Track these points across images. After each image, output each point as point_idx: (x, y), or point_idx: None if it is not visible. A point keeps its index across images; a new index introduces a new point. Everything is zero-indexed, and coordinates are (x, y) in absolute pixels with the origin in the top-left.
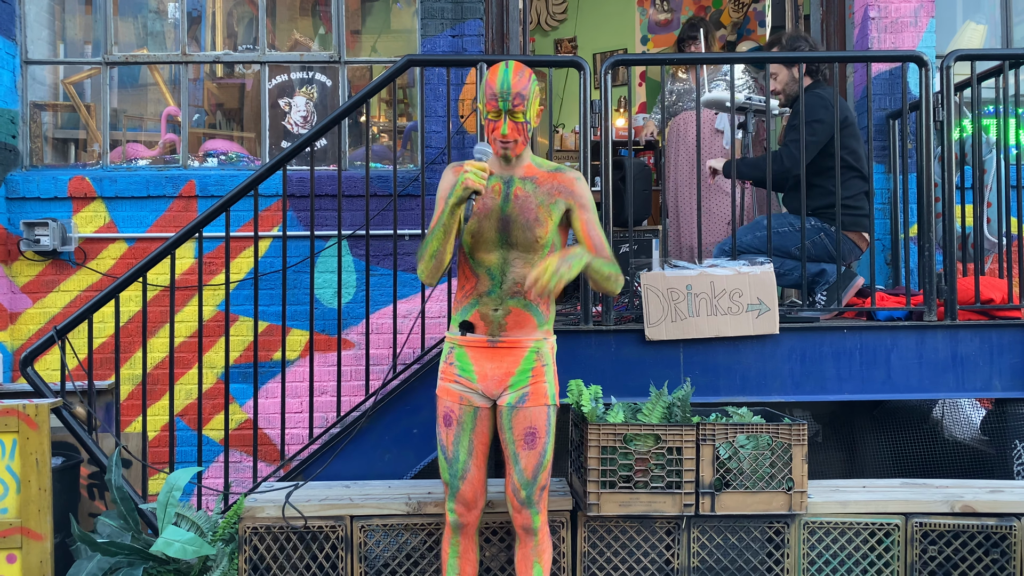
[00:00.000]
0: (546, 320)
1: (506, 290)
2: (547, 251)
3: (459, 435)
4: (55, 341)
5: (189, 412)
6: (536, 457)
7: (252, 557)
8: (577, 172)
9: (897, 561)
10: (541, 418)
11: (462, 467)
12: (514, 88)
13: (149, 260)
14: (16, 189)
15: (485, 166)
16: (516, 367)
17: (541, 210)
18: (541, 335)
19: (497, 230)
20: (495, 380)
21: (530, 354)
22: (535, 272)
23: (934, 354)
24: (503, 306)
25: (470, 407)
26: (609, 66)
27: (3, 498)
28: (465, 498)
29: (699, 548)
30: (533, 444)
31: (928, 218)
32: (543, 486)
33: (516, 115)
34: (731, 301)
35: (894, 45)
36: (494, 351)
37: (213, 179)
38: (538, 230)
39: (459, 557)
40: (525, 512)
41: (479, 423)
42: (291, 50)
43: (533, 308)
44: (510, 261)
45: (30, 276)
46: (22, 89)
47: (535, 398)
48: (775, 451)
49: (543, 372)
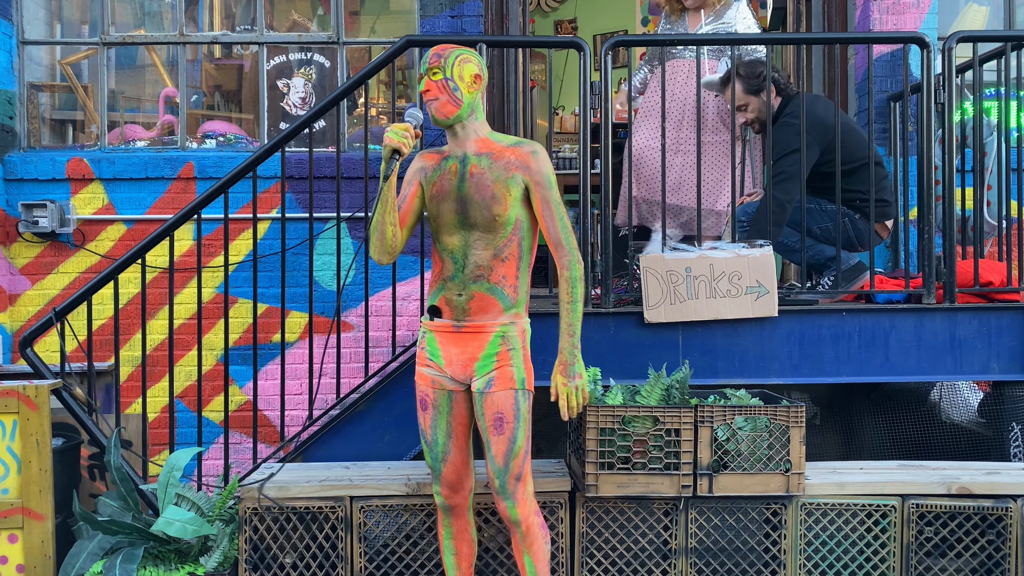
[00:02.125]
0: (513, 303)
1: (468, 274)
2: (510, 229)
3: (436, 419)
4: (54, 323)
5: (189, 394)
6: (505, 443)
7: (252, 537)
8: (537, 145)
9: (893, 542)
10: (508, 403)
11: (442, 450)
12: (431, 52)
13: (148, 242)
14: (14, 170)
15: (409, 126)
16: (480, 352)
17: (498, 186)
18: (508, 319)
19: (456, 211)
20: (460, 365)
21: (495, 339)
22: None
23: (933, 337)
24: (466, 291)
25: (443, 391)
26: (610, 47)
27: (4, 479)
28: (449, 480)
29: (696, 529)
30: (501, 429)
31: (928, 201)
32: (517, 475)
33: (433, 73)
34: (730, 283)
35: (896, 27)
36: (459, 336)
37: (211, 161)
38: (495, 208)
39: (453, 538)
40: (502, 503)
41: (455, 406)
42: (289, 31)
43: (498, 291)
44: (471, 243)
45: (29, 258)
46: (19, 70)
47: (500, 383)
48: (773, 433)
49: (509, 356)
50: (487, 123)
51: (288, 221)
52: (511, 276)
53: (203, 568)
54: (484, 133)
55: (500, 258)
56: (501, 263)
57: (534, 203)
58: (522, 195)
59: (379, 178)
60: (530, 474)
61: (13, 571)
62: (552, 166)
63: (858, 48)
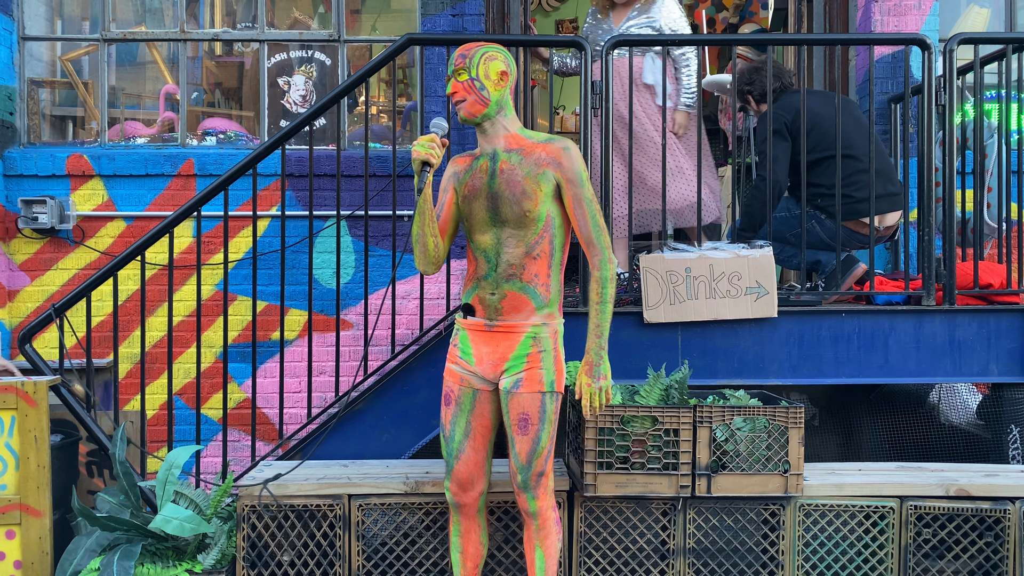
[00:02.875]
0: (546, 303)
1: (501, 273)
2: (541, 226)
3: (456, 415)
4: (53, 319)
5: (187, 391)
6: (529, 443)
7: (250, 535)
8: (569, 141)
9: (892, 543)
10: (534, 405)
11: (457, 447)
12: (457, 53)
13: (147, 239)
14: (14, 166)
15: (435, 136)
16: (511, 352)
17: (528, 181)
18: (540, 319)
19: (487, 209)
20: (491, 364)
21: (526, 339)
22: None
23: (932, 338)
24: (499, 290)
25: (469, 388)
26: (611, 46)
27: (2, 475)
28: (459, 478)
29: (695, 529)
30: (525, 430)
31: (928, 203)
32: (540, 472)
33: (459, 74)
34: (730, 284)
35: (897, 28)
36: (491, 335)
37: (212, 158)
38: (526, 203)
39: (460, 536)
40: (522, 495)
41: (478, 405)
42: (290, 28)
43: (530, 291)
44: (503, 241)
45: (28, 254)
46: (19, 65)
47: (529, 384)
48: (772, 434)
49: (539, 358)
50: (517, 119)
51: (288, 219)
52: (543, 274)
53: (201, 565)
54: (514, 129)
55: (532, 256)
56: (533, 261)
57: (566, 201)
58: (553, 192)
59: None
60: (552, 470)
61: (11, 567)
62: (584, 163)
63: (859, 49)
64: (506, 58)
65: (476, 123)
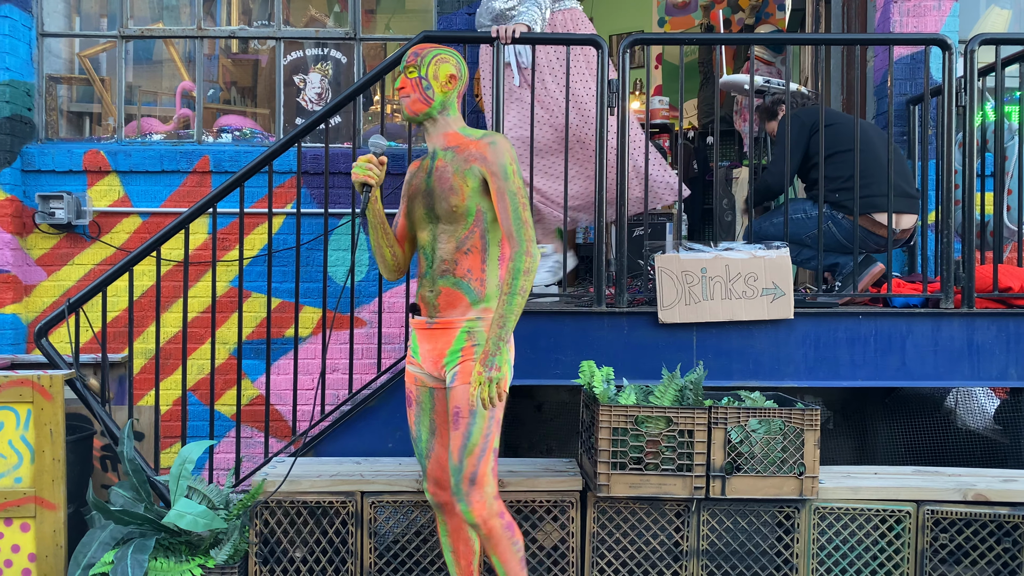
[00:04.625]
0: (481, 297)
1: (436, 269)
2: (471, 221)
3: (419, 415)
4: (67, 315)
5: (201, 387)
6: (460, 438)
7: (263, 531)
8: (498, 136)
9: (908, 548)
10: (464, 398)
11: (425, 446)
12: (410, 51)
13: (163, 235)
14: (32, 162)
15: (371, 156)
16: (448, 347)
17: (456, 177)
18: (476, 314)
19: (424, 206)
20: (431, 360)
21: (461, 334)
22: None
23: (950, 342)
24: (435, 287)
25: (424, 387)
26: (628, 45)
27: (17, 467)
28: (434, 477)
29: (708, 531)
30: (457, 424)
31: (947, 205)
32: (471, 476)
33: (409, 71)
34: (746, 285)
35: (916, 29)
36: (431, 332)
37: (227, 155)
38: (453, 198)
39: (449, 535)
40: (456, 504)
41: (438, 402)
42: (306, 26)
43: (464, 286)
44: (437, 237)
45: (45, 249)
46: (38, 62)
47: (461, 377)
48: (787, 436)
49: (473, 352)
50: (461, 119)
51: (303, 216)
52: (476, 270)
53: (213, 561)
54: (456, 128)
55: (463, 251)
56: (465, 256)
57: (492, 194)
58: (481, 186)
59: None
60: (490, 475)
61: (25, 560)
62: (513, 157)
63: (877, 50)
64: (458, 63)
65: (418, 121)
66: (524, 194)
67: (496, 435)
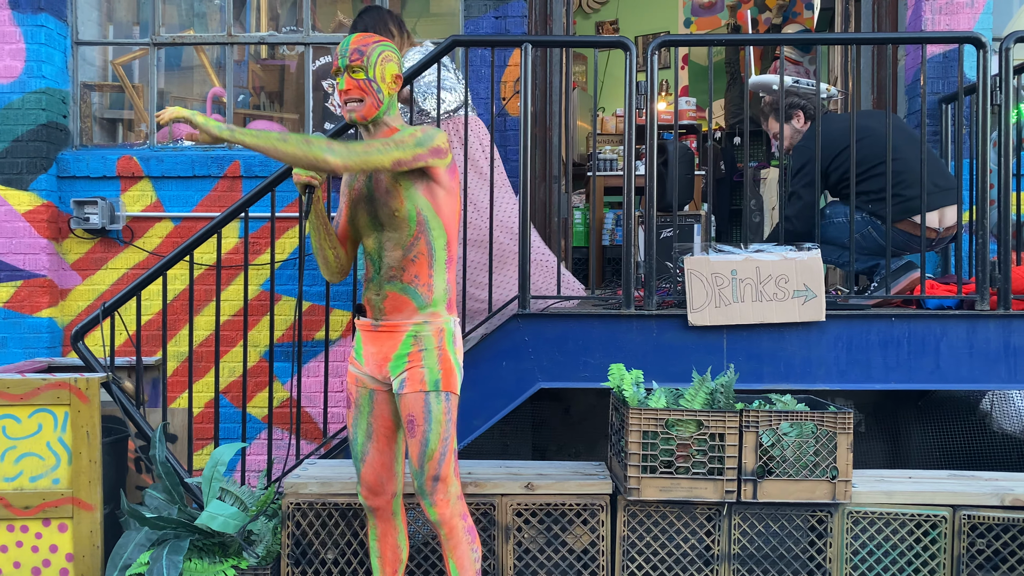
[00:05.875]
0: (428, 302)
1: (384, 275)
2: (413, 227)
3: (357, 417)
4: (101, 320)
5: (232, 389)
6: (417, 445)
7: (295, 532)
8: (433, 128)
9: (944, 553)
10: (417, 405)
11: (360, 449)
12: (352, 44)
13: (196, 239)
14: (67, 168)
15: None
16: (393, 352)
17: (387, 178)
18: (422, 318)
19: (368, 213)
20: (376, 364)
21: (407, 339)
22: None
23: (986, 344)
24: (382, 291)
25: (365, 389)
26: (656, 46)
27: (55, 469)
28: (367, 481)
29: (740, 535)
30: (413, 432)
31: (982, 205)
32: (434, 476)
33: (355, 71)
34: (777, 287)
35: (948, 27)
36: (376, 335)
37: (258, 160)
38: (392, 202)
39: (378, 540)
40: (422, 503)
41: (377, 406)
42: (335, 31)
43: (411, 291)
44: (383, 244)
45: (80, 253)
46: (73, 70)
47: (411, 384)
48: (819, 439)
49: (420, 357)
50: (400, 117)
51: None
52: (424, 275)
53: (246, 562)
54: (397, 126)
55: (409, 258)
56: (412, 263)
57: None
58: (414, 186)
59: None
60: (453, 475)
61: (63, 560)
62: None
63: (908, 49)
64: (399, 59)
65: (365, 126)
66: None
67: (454, 436)
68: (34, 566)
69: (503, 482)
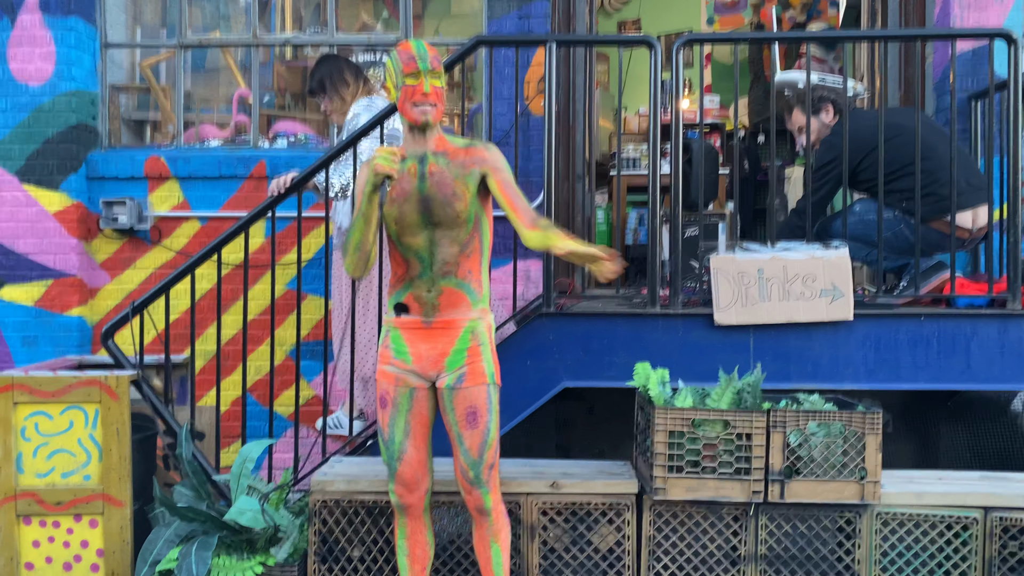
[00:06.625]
0: (479, 298)
1: (437, 271)
2: (471, 225)
3: (394, 416)
4: (130, 318)
5: (259, 387)
6: (479, 436)
7: (321, 530)
8: (488, 143)
9: (975, 556)
10: (481, 397)
11: (398, 448)
12: (429, 51)
13: (224, 238)
14: (96, 169)
15: (395, 149)
16: (451, 347)
17: (457, 184)
18: (476, 314)
19: (419, 211)
20: (430, 360)
21: (465, 333)
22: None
23: (1018, 344)
24: (435, 287)
25: (406, 388)
26: (681, 45)
27: (86, 465)
28: (404, 479)
29: (767, 535)
30: (475, 423)
31: (1014, 202)
32: (490, 464)
33: (436, 76)
34: (804, 286)
35: (977, 23)
36: (428, 331)
37: (283, 160)
38: (457, 204)
39: (407, 539)
40: (475, 492)
41: (416, 403)
42: (358, 32)
43: (465, 286)
44: (437, 241)
45: (108, 253)
46: (101, 72)
47: (473, 378)
48: (848, 439)
49: (479, 351)
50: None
51: None
52: (476, 271)
53: (274, 559)
54: (439, 132)
55: (465, 254)
56: (467, 258)
57: (495, 187)
58: (477, 190)
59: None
60: (499, 464)
61: (93, 555)
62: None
63: (936, 46)
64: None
65: (422, 127)
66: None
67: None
68: (65, 561)
69: (528, 481)
